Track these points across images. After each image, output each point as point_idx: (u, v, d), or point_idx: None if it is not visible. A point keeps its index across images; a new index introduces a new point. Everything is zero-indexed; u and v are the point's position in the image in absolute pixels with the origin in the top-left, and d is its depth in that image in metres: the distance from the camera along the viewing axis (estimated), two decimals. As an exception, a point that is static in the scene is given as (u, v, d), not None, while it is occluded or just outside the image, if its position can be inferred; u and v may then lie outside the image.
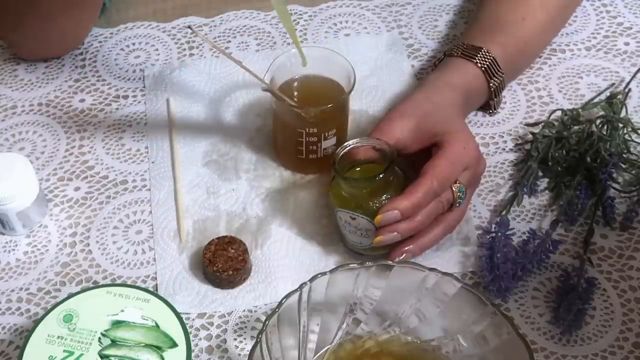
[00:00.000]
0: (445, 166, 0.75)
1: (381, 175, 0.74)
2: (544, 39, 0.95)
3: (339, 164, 0.75)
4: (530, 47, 0.92)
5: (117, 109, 0.93)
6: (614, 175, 0.82)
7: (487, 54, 0.85)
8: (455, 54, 0.86)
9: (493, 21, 0.90)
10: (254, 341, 0.64)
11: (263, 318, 0.75)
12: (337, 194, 0.77)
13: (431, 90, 0.82)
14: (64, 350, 0.67)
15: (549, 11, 0.91)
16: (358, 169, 0.77)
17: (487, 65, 0.85)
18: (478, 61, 0.85)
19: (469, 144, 0.77)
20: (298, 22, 1.02)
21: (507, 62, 0.87)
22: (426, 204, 0.73)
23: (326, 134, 0.82)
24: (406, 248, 0.76)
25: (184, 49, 0.99)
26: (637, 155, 0.85)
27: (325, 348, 0.70)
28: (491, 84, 0.86)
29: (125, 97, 0.94)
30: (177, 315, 0.70)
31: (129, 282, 0.78)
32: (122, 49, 0.99)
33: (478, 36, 0.88)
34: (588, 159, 0.83)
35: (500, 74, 0.86)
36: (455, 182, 0.75)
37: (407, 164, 0.80)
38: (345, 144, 0.76)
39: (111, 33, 1.02)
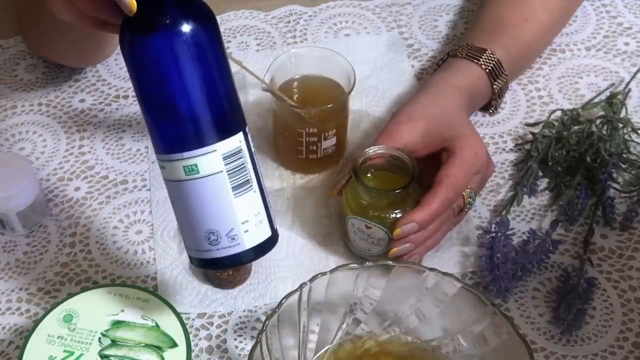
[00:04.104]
0: (459, 175, 0.74)
1: (404, 188, 0.73)
2: (546, 40, 0.95)
3: (359, 171, 0.75)
4: (532, 48, 0.92)
5: (117, 109, 0.93)
6: (614, 175, 0.82)
7: (492, 55, 0.85)
8: (460, 55, 0.86)
9: (496, 22, 0.89)
10: (254, 341, 0.64)
11: (263, 318, 0.75)
12: (352, 201, 0.76)
13: (437, 93, 0.82)
14: (64, 350, 0.67)
15: (552, 12, 0.91)
16: (370, 174, 0.77)
17: (491, 67, 0.85)
18: (482, 63, 0.85)
19: (480, 149, 0.77)
20: (298, 22, 1.02)
21: (510, 64, 0.87)
22: (442, 213, 0.74)
23: (326, 134, 0.82)
24: (414, 251, 0.75)
25: (184, 49, 0.99)
26: (637, 155, 0.85)
27: (325, 348, 0.70)
28: (495, 86, 0.86)
29: (125, 97, 0.94)
30: (177, 315, 0.70)
31: (129, 282, 0.78)
32: (122, 49, 0.99)
33: (481, 37, 0.88)
34: (588, 159, 0.83)
35: (504, 76, 0.86)
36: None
37: None
38: (365, 150, 0.75)
39: (111, 33, 1.01)
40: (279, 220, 0.82)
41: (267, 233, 0.64)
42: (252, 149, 0.63)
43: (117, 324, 0.69)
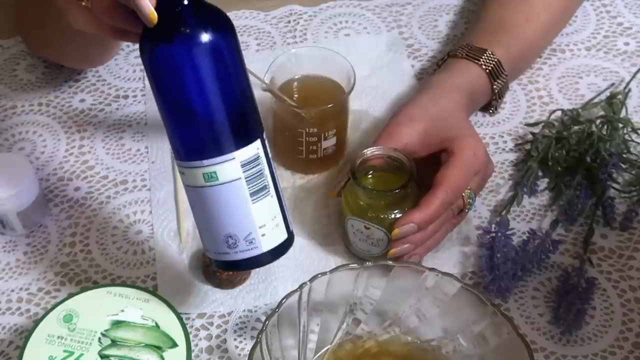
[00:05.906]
0: (458, 176, 0.74)
1: (402, 189, 0.73)
2: (547, 40, 0.95)
3: (357, 172, 0.75)
4: (533, 48, 0.92)
5: (117, 109, 0.93)
6: (614, 175, 0.82)
7: (492, 56, 0.85)
8: (460, 55, 0.86)
9: (497, 22, 0.89)
10: (254, 341, 0.64)
11: (263, 318, 0.75)
12: (351, 202, 0.76)
13: (437, 93, 0.82)
14: (64, 350, 0.67)
15: (552, 12, 0.91)
16: (370, 175, 0.77)
17: (491, 67, 0.85)
18: (483, 63, 0.85)
19: (479, 149, 0.77)
20: (298, 22, 1.02)
21: (510, 64, 0.87)
22: (441, 214, 0.73)
23: (326, 134, 0.82)
24: (414, 251, 0.75)
25: (184, 49, 0.99)
26: (637, 155, 0.85)
27: (325, 348, 0.70)
28: (495, 86, 0.86)
29: (125, 97, 0.94)
30: (177, 315, 0.70)
31: (129, 282, 0.78)
32: (122, 49, 0.99)
33: (482, 37, 0.88)
34: (588, 159, 0.83)
35: (504, 76, 0.86)
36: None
37: None
38: (363, 151, 0.75)
39: (111, 33, 1.01)
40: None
41: (284, 235, 0.65)
42: (269, 154, 0.64)
43: (117, 324, 0.69)
